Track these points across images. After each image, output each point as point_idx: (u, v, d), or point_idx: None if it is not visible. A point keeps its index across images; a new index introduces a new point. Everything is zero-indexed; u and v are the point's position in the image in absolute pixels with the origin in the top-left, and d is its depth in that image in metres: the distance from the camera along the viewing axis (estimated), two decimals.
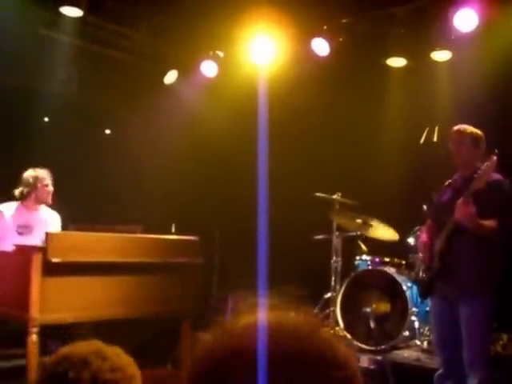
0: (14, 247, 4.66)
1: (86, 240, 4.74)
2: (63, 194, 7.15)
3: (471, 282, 4.01)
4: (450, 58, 6.88)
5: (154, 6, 7.26)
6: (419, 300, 5.65)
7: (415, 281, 4.82)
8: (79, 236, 4.83)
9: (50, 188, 5.61)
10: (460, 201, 3.91)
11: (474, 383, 3.89)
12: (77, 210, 7.24)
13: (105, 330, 4.52)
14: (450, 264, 4.08)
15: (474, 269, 4.02)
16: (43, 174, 5.57)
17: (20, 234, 5.48)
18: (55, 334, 4.59)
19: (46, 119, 8.56)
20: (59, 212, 5.89)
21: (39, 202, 5.61)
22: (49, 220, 5.68)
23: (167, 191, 8.60)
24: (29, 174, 5.55)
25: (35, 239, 5.36)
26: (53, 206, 5.81)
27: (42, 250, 4.38)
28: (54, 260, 4.35)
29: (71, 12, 6.71)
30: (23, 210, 5.58)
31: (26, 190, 5.52)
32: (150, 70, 8.32)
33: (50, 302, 4.37)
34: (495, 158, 3.84)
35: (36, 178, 5.53)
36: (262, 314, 0.90)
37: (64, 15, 6.78)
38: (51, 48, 7.34)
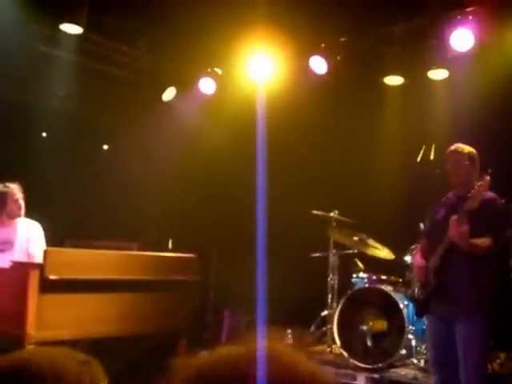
0: (10, 263, 4.65)
1: (83, 257, 4.74)
2: (60, 209, 7.17)
3: (467, 300, 4.01)
4: (447, 77, 6.93)
5: (152, 23, 7.30)
6: (416, 318, 5.64)
7: (411, 299, 4.82)
8: (76, 253, 4.83)
9: (21, 203, 5.42)
10: (453, 219, 3.92)
11: None
12: (74, 225, 7.25)
13: (101, 347, 4.50)
14: (445, 282, 4.08)
15: (469, 287, 4.02)
16: (13, 189, 5.40)
17: (1, 251, 5.38)
18: None
19: (44, 134, 8.58)
20: (57, 227, 5.86)
21: (11, 217, 5.46)
22: (29, 232, 5.53)
23: (165, 207, 8.60)
24: None
25: (17, 254, 5.30)
26: (50, 221, 5.77)
27: (39, 266, 4.37)
28: (51, 277, 4.35)
29: (71, 29, 6.75)
30: (0, 227, 5.46)
31: None
32: (149, 86, 8.35)
33: (47, 319, 4.36)
34: (488, 177, 3.86)
35: (5, 194, 5.38)
36: (255, 341, 0.93)
37: (64, 32, 6.82)
38: (50, 64, 7.37)
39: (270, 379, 0.85)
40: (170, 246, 7.48)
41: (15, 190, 5.43)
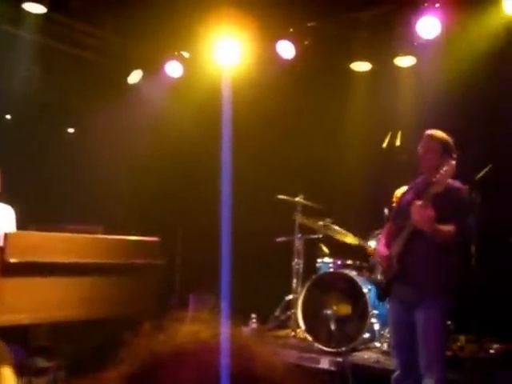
0: None
1: (45, 240, 4.66)
2: (25, 193, 7.05)
3: (428, 284, 4.06)
4: (414, 64, 6.97)
5: (119, 4, 7.19)
6: (379, 302, 5.70)
7: (374, 283, 4.87)
8: (38, 236, 4.74)
9: None
10: (418, 204, 3.94)
11: None
12: (39, 209, 7.14)
13: (63, 331, 4.46)
14: (407, 266, 4.12)
15: (431, 272, 4.06)
16: None
17: None
18: (11, 336, 4.50)
19: (8, 117, 8.42)
20: (20, 211, 5.76)
21: None
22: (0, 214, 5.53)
23: (130, 190, 8.53)
24: None
25: None
26: (14, 205, 5.69)
27: (0, 250, 4.29)
28: (12, 260, 4.27)
29: (34, 8, 6.62)
30: None
31: None
32: (115, 69, 8.24)
33: (7, 303, 4.28)
34: (453, 162, 3.89)
35: None
36: (203, 325, 0.92)
37: (27, 11, 6.67)
38: (13, 44, 7.22)
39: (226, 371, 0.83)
40: (135, 229, 7.42)
41: None
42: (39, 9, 6.62)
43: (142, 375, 0.85)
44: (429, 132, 4.23)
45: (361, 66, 7.32)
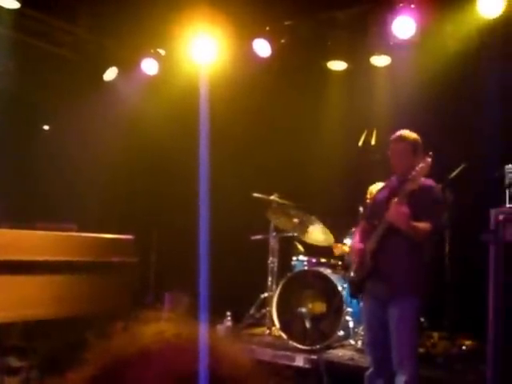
0: None
1: (18, 238, 4.62)
2: None
3: (402, 282, 4.09)
4: (389, 64, 7.02)
5: (94, 1, 7.13)
6: (355, 300, 5.73)
7: (348, 280, 4.90)
8: (9, 234, 4.70)
9: None
10: (394, 201, 3.97)
11: (402, 380, 3.97)
12: (12, 207, 7.06)
13: (36, 330, 4.41)
14: (381, 264, 4.15)
15: (405, 269, 4.09)
16: None
17: None
18: None
19: None
20: None
21: None
22: None
23: (105, 188, 8.47)
24: None
25: None
26: None
27: None
28: None
29: (7, 3, 6.53)
30: None
31: None
32: (91, 66, 8.17)
33: None
34: (429, 159, 3.92)
35: None
36: (168, 325, 0.92)
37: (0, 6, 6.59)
38: None
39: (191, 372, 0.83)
40: (110, 226, 7.37)
41: None
42: (12, 4, 6.53)
43: (105, 376, 0.85)
44: (396, 135, 4.24)
45: (337, 65, 7.35)
